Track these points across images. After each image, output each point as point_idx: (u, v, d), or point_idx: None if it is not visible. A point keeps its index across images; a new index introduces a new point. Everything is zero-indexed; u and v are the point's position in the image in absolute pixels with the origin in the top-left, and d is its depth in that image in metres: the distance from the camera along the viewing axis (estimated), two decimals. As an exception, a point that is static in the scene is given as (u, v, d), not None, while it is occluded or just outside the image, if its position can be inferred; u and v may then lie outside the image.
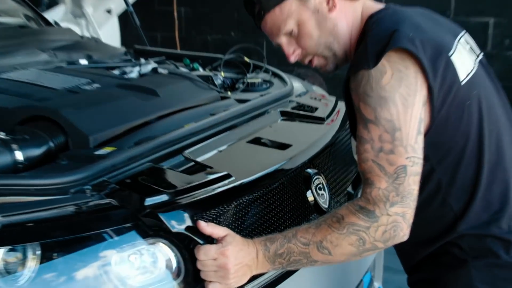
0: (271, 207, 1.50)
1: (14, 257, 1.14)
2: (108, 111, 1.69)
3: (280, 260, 1.27)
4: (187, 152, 1.54)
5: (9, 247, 1.15)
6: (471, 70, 1.32)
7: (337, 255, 1.23)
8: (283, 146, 1.68)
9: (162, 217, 1.26)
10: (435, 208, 1.33)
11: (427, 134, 1.26)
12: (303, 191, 1.62)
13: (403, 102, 1.19)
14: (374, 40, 1.23)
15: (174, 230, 1.26)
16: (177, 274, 1.27)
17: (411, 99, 1.19)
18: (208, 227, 1.28)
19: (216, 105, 1.97)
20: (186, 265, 1.28)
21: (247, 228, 1.41)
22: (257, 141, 1.71)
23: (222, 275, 1.26)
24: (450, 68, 1.26)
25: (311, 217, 1.61)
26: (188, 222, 1.30)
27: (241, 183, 1.43)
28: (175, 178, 1.41)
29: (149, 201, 1.27)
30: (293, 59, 1.40)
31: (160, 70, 2.14)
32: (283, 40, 1.38)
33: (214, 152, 1.60)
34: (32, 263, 1.14)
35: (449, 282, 1.34)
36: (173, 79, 2.07)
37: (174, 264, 1.27)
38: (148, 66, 2.21)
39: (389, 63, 1.20)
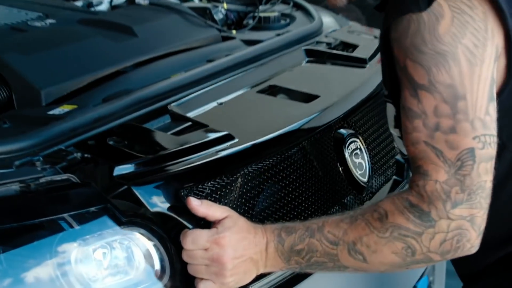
0: (288, 180, 1.50)
1: None
2: (67, 57, 1.70)
3: (298, 258, 1.27)
4: (174, 105, 1.55)
5: None
6: None
7: (374, 264, 1.23)
8: (308, 98, 1.68)
9: (136, 192, 1.27)
10: (508, 198, 1.33)
11: (499, 98, 1.23)
12: (333, 159, 1.63)
13: (468, 58, 1.16)
14: None
15: (154, 210, 1.28)
16: (160, 275, 1.29)
17: (480, 52, 1.17)
18: (201, 206, 1.28)
19: (216, 48, 1.97)
20: (172, 262, 1.29)
21: (254, 209, 1.43)
22: (271, 90, 1.72)
23: (216, 272, 1.26)
24: None
25: (344, 195, 1.62)
26: (174, 200, 1.31)
27: (247, 147, 1.43)
28: (157, 139, 1.42)
29: (119, 170, 1.27)
30: None
31: (139, 0, 2.14)
32: None
33: (212, 105, 1.62)
34: (-39, 260, 1.15)
35: None
36: (156, 13, 2.08)
37: (156, 262, 1.29)
38: (123, -5, 2.22)
39: (448, 1, 1.17)
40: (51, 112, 1.49)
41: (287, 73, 1.82)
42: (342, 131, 1.67)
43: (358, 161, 1.67)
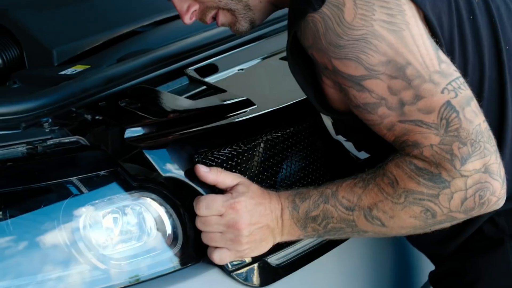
0: (308, 150, 1.45)
1: None
2: (80, 15, 1.66)
3: (314, 225, 1.23)
4: (190, 69, 1.51)
5: None
6: None
7: (394, 228, 1.19)
8: None
9: (148, 156, 1.23)
10: None
11: None
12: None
13: (390, 29, 1.11)
14: None
15: (166, 175, 1.24)
16: (172, 242, 1.25)
17: (399, 18, 1.12)
18: (211, 173, 1.25)
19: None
20: (185, 229, 1.25)
21: (272, 179, 1.38)
22: None
23: (232, 239, 1.23)
24: None
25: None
26: (187, 165, 1.26)
27: (266, 112, 1.38)
28: (171, 102, 1.38)
29: (131, 132, 1.24)
30: (188, 19, 1.34)
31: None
32: None
33: (233, 71, 1.57)
34: (-33, 225, 1.12)
35: (482, 269, 1.32)
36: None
37: (169, 228, 1.25)
38: None
39: None
40: (62, 72, 1.46)
41: None
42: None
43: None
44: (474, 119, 1.12)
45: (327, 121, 1.50)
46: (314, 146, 1.46)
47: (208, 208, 1.22)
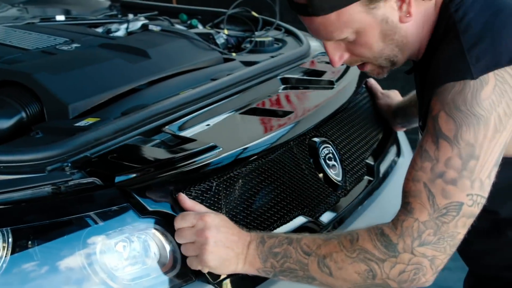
0: (269, 180, 1.51)
1: (-20, 246, 1.16)
2: (90, 76, 1.71)
3: (273, 261, 1.24)
4: (167, 128, 1.55)
5: (-26, 234, 1.16)
6: None
7: (338, 279, 1.21)
8: (283, 114, 1.70)
9: (135, 195, 1.28)
10: None
11: None
12: (309, 162, 1.65)
13: (496, 125, 1.12)
14: (474, 40, 1.13)
15: (152, 209, 1.29)
16: (172, 264, 1.30)
17: (506, 120, 1.12)
18: (189, 200, 1.30)
19: (218, 68, 1.98)
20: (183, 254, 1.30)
21: (239, 207, 1.43)
22: (252, 112, 1.71)
23: (199, 246, 1.24)
24: None
25: (322, 191, 1.64)
26: (167, 200, 1.32)
27: (230, 153, 1.44)
28: (151, 153, 1.42)
29: (119, 178, 1.29)
30: (338, 65, 1.29)
31: (152, 27, 2.17)
32: (329, 43, 1.27)
33: (201, 126, 1.61)
34: (2, 252, 1.17)
35: None
36: (167, 38, 2.09)
37: (169, 253, 1.30)
38: (137, 23, 2.23)
39: (498, 71, 1.12)
40: (77, 124, 1.51)
41: (266, 99, 1.82)
42: (316, 139, 1.70)
43: (331, 163, 1.70)
44: (461, 227, 1.14)
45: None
46: (278, 177, 1.52)
47: (183, 220, 1.26)
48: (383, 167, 1.94)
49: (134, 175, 1.31)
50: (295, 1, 1.22)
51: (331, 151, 1.70)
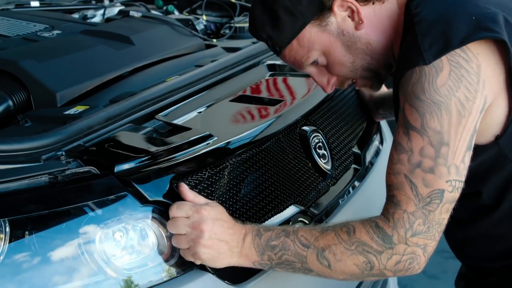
0: (263, 169, 1.52)
1: (-23, 236, 1.15)
2: (76, 63, 1.70)
3: (271, 254, 1.25)
4: (160, 115, 1.55)
5: (-29, 224, 1.15)
6: None
7: (336, 271, 1.23)
8: (273, 102, 1.70)
9: (136, 184, 1.28)
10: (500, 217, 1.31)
11: (506, 130, 1.22)
12: (300, 151, 1.65)
13: (458, 110, 1.15)
14: (426, 29, 1.17)
15: (152, 199, 1.29)
16: (170, 253, 1.30)
17: (469, 105, 1.16)
18: (190, 192, 1.29)
19: (202, 54, 1.98)
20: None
21: (235, 197, 1.43)
22: (242, 99, 1.72)
23: (193, 239, 1.24)
24: None
25: (313, 180, 1.65)
26: (166, 190, 1.31)
27: (226, 143, 1.44)
28: (149, 142, 1.41)
29: (118, 168, 1.28)
30: (330, 90, 1.38)
31: (133, 13, 2.15)
32: (311, 70, 1.36)
33: (193, 114, 1.61)
34: (0, 242, 1.16)
35: None
36: (149, 24, 2.08)
37: (167, 242, 1.30)
38: (114, 9, 2.21)
39: (447, 54, 1.15)
40: (66, 112, 1.49)
41: (253, 85, 1.82)
42: (306, 128, 1.70)
43: (321, 152, 1.70)
44: (444, 213, 1.18)
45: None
46: (268, 166, 1.52)
47: (179, 209, 1.25)
48: (369, 156, 1.96)
49: (133, 164, 1.30)
50: (270, 48, 1.35)
51: (321, 140, 1.70)
